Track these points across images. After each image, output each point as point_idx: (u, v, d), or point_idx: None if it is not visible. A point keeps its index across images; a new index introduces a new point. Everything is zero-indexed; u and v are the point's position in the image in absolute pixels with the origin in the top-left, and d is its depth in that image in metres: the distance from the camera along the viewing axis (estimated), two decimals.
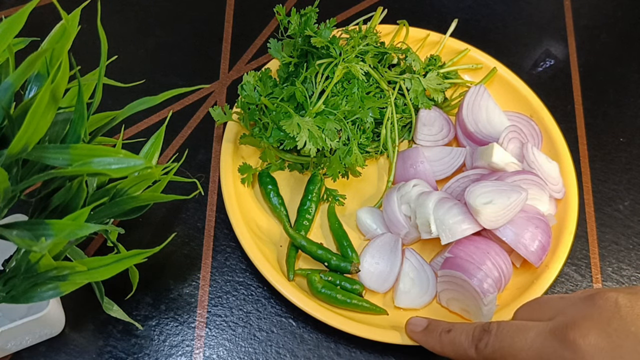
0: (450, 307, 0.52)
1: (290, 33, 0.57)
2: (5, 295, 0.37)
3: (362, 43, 0.58)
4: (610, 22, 0.77)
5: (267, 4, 0.73)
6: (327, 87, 0.55)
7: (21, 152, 0.32)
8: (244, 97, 0.55)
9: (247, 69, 0.68)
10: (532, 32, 0.76)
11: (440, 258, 0.53)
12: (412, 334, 0.47)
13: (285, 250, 0.55)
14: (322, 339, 0.51)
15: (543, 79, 0.71)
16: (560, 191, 0.57)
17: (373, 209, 0.57)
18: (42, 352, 0.49)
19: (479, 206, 0.50)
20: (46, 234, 0.33)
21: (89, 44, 0.60)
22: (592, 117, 0.68)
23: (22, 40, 0.42)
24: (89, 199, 0.41)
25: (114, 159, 0.33)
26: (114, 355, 0.49)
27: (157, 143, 0.49)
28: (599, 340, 0.34)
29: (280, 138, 0.54)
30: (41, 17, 0.69)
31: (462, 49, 0.67)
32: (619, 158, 0.65)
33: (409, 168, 0.58)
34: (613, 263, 0.58)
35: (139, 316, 0.52)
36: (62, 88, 0.34)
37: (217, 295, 0.53)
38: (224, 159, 0.57)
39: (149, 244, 0.55)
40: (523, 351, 0.37)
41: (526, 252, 0.51)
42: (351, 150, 0.55)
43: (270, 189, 0.57)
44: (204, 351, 0.50)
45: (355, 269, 0.52)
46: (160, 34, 0.71)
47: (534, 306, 0.42)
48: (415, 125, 0.61)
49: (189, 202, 0.58)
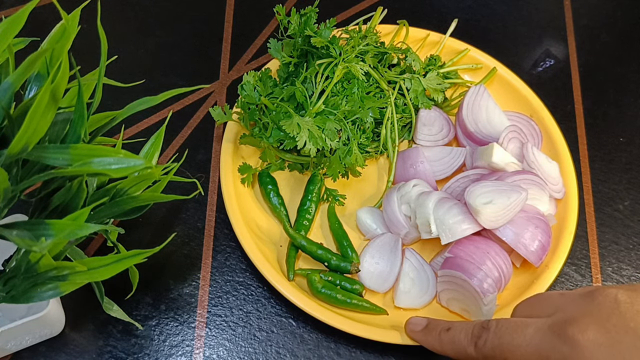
0: (450, 307, 0.52)
1: (290, 33, 0.57)
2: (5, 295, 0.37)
3: (362, 43, 0.58)
4: (610, 22, 0.77)
5: (267, 4, 0.73)
6: (327, 87, 0.55)
7: (21, 152, 0.32)
8: (244, 97, 0.55)
9: (247, 69, 0.68)
10: (532, 32, 0.76)
11: (440, 258, 0.53)
12: (411, 333, 0.47)
13: (285, 250, 0.55)
14: (322, 339, 0.51)
15: (543, 79, 0.71)
16: (560, 191, 0.57)
17: (373, 209, 0.57)
18: (42, 352, 0.49)
19: (479, 206, 0.50)
20: (46, 234, 0.33)
21: (89, 44, 0.60)
22: (592, 117, 0.68)
23: (22, 40, 0.42)
24: (89, 199, 0.41)
25: (114, 159, 0.33)
26: (114, 355, 0.49)
27: (157, 143, 0.49)
28: (597, 336, 0.34)
29: (280, 138, 0.54)
30: (41, 17, 0.69)
31: (462, 49, 0.67)
32: (619, 158, 0.65)
33: (409, 168, 0.58)
34: (613, 263, 0.58)
35: (139, 316, 0.52)
36: (62, 88, 0.34)
37: (217, 295, 0.53)
38: (224, 159, 0.57)
39: (149, 244, 0.55)
40: (522, 347, 0.37)
41: (526, 252, 0.51)
42: (351, 150, 0.55)
43: (270, 189, 0.57)
44: (204, 351, 0.50)
45: (355, 269, 0.52)
46: (160, 34, 0.71)
47: (533, 303, 0.42)
48: (415, 125, 0.61)
49: (189, 202, 0.58)
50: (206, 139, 0.63)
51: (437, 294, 0.52)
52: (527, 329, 0.38)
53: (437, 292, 0.52)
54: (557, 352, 0.35)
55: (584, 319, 0.35)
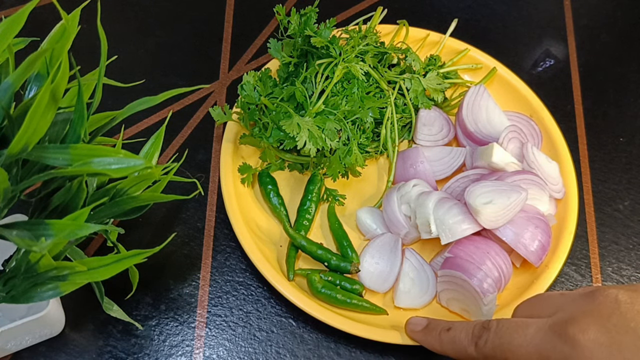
0: (450, 307, 0.52)
1: (290, 33, 0.57)
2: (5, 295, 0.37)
3: (362, 43, 0.58)
4: (610, 22, 0.77)
5: (267, 4, 0.73)
6: (327, 87, 0.55)
7: (21, 152, 0.32)
8: (244, 97, 0.55)
9: (247, 69, 0.68)
10: (532, 32, 0.76)
11: (440, 258, 0.53)
12: (412, 333, 0.47)
13: (285, 250, 0.55)
14: (322, 338, 0.51)
15: (543, 79, 0.71)
16: (560, 191, 0.57)
17: (373, 209, 0.57)
18: (42, 352, 0.49)
19: (479, 206, 0.50)
20: (46, 234, 0.33)
21: (89, 44, 0.60)
22: (592, 117, 0.68)
23: (22, 40, 0.42)
24: (89, 199, 0.41)
25: (114, 159, 0.33)
26: (114, 355, 0.49)
27: (157, 143, 0.49)
28: (598, 336, 0.34)
29: (280, 138, 0.54)
30: (41, 17, 0.69)
31: (462, 49, 0.67)
32: (619, 158, 0.65)
33: (408, 168, 0.58)
34: (613, 263, 0.58)
35: (139, 316, 0.52)
36: (62, 88, 0.34)
37: (217, 295, 0.53)
38: (224, 159, 0.57)
39: (149, 244, 0.55)
40: (522, 347, 0.37)
41: (526, 252, 0.51)
42: (351, 150, 0.55)
43: (270, 189, 0.57)
44: (204, 351, 0.50)
45: (355, 269, 0.52)
46: (160, 34, 0.71)
47: (534, 303, 0.42)
48: (415, 125, 0.61)
49: (189, 202, 0.58)
50: (206, 139, 0.63)
51: (437, 294, 0.52)
52: (528, 329, 0.38)
53: (437, 292, 0.52)
54: (558, 352, 0.35)
55: (584, 318, 0.35)
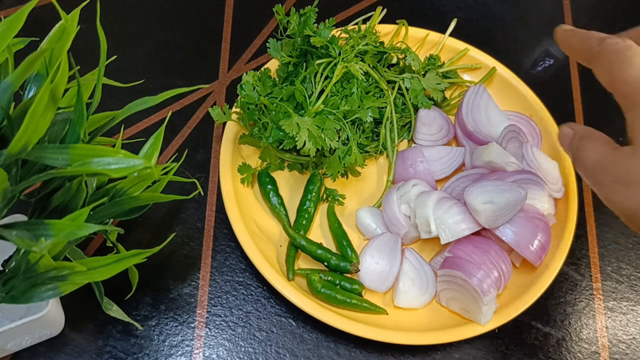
0: (450, 307, 0.52)
1: (289, 33, 0.57)
2: (5, 295, 0.37)
3: (362, 43, 0.58)
4: (610, 22, 0.77)
5: (267, 4, 0.73)
6: (327, 86, 0.55)
7: (21, 152, 0.32)
8: (243, 97, 0.55)
9: (246, 69, 0.68)
10: (531, 32, 0.76)
11: (439, 257, 0.53)
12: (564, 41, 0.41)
13: (284, 250, 0.55)
14: (322, 338, 0.51)
15: (543, 79, 0.71)
16: (559, 190, 0.57)
17: (372, 208, 0.57)
18: (42, 352, 0.49)
19: (479, 206, 0.50)
20: (46, 234, 0.33)
21: (88, 44, 0.60)
22: (592, 117, 0.68)
23: (21, 40, 0.42)
24: (89, 199, 0.41)
25: (114, 159, 0.33)
26: (113, 355, 0.49)
27: (157, 143, 0.49)
28: None
29: (280, 138, 0.54)
30: (40, 17, 0.69)
31: (462, 49, 0.67)
32: None
33: (408, 168, 0.58)
34: (613, 262, 0.58)
35: (139, 316, 0.52)
36: (61, 88, 0.34)
37: (217, 295, 0.53)
38: (224, 159, 0.57)
39: (149, 244, 0.55)
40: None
41: (526, 251, 0.51)
42: (351, 150, 0.55)
43: (270, 189, 0.57)
44: (204, 351, 0.50)
45: (354, 268, 0.52)
46: (160, 34, 0.71)
47: None
48: (415, 125, 0.61)
49: (188, 202, 0.58)
50: (206, 139, 0.63)
51: (436, 294, 0.52)
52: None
53: (436, 291, 0.52)
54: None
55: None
